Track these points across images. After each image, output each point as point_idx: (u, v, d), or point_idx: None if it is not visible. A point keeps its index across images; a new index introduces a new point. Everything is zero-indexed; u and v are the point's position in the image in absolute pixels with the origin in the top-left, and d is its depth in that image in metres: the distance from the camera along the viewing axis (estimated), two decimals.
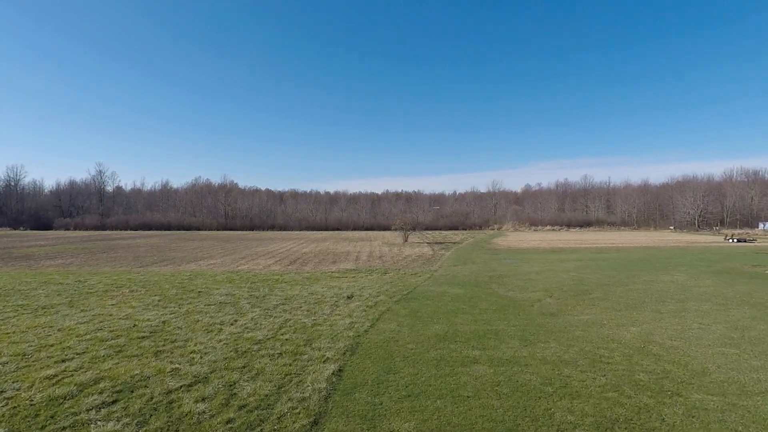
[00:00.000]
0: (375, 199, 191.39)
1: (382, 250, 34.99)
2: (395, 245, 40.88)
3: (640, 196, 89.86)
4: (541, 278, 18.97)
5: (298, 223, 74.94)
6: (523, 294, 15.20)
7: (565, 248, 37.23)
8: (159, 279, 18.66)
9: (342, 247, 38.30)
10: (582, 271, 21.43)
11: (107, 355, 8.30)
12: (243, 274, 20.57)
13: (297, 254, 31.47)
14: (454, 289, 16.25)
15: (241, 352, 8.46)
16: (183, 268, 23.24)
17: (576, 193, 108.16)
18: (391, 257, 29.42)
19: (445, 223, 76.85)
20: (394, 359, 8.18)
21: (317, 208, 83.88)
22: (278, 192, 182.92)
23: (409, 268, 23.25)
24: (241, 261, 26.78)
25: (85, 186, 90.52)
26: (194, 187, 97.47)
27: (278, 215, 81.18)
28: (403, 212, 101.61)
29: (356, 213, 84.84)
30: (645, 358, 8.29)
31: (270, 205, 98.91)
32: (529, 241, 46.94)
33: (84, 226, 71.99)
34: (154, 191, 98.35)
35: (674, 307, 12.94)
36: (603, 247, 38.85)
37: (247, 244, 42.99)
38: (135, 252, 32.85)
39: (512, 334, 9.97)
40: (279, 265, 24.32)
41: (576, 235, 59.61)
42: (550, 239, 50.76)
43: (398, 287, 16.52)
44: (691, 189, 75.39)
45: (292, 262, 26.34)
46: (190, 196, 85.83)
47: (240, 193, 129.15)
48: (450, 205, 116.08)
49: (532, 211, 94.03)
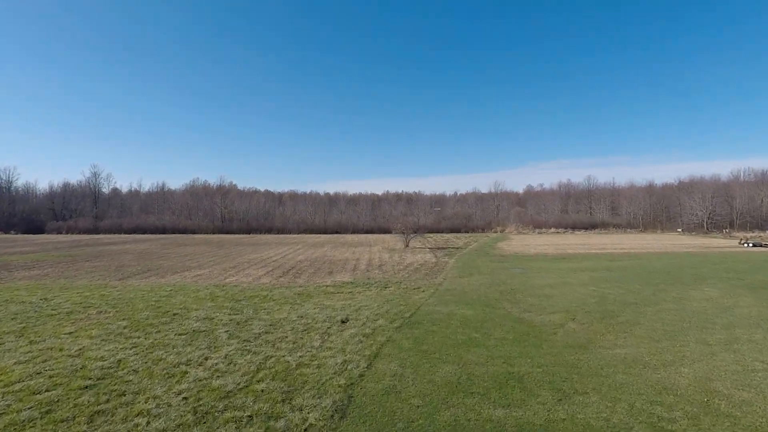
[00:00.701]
0: (375, 200, 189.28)
1: (382, 257, 33.18)
2: (396, 251, 39.06)
3: (645, 197, 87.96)
4: (557, 294, 17.15)
5: (297, 226, 73.08)
6: (541, 316, 13.38)
7: (575, 255, 35.38)
8: (135, 296, 16.85)
9: (340, 254, 36.50)
10: (601, 284, 19.59)
11: (28, 420, 6.48)
12: (229, 288, 18.76)
13: (291, 263, 29.66)
14: (462, 309, 14.43)
15: (200, 415, 6.64)
16: (166, 280, 21.43)
17: (579, 194, 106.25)
18: (391, 266, 27.61)
19: (447, 225, 74.97)
20: (395, 424, 6.36)
21: (316, 210, 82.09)
22: (278, 193, 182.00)
23: (411, 280, 21.44)
24: (231, 271, 24.97)
25: (79, 188, 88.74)
26: (190, 189, 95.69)
27: (276, 218, 79.31)
28: (404, 214, 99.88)
29: (356, 215, 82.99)
30: (717, 422, 6.47)
31: (268, 207, 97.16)
32: (535, 246, 45.10)
33: (77, 230, 70.22)
34: (151, 193, 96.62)
35: (722, 336, 11.11)
36: (614, 252, 37.00)
37: (241, 250, 41.19)
38: (120, 260, 31.04)
39: (540, 379, 8.14)
40: (270, 277, 22.51)
41: (582, 238, 57.77)
42: (557, 243, 48.93)
43: (399, 307, 14.70)
44: (699, 190, 73.48)
45: (285, 272, 24.52)
46: (186, 198, 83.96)
47: (238, 195, 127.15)
48: (451, 206, 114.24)
49: (536, 213, 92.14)
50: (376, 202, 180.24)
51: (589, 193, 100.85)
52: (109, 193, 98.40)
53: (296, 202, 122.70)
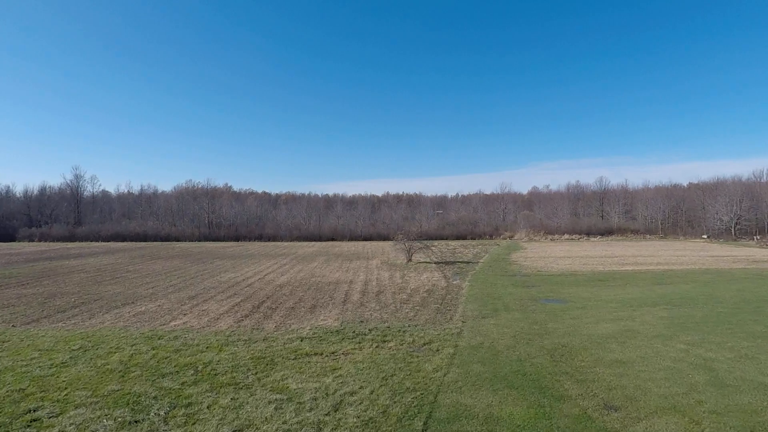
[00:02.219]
0: (375, 201, 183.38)
1: (381, 278, 27.73)
2: (397, 267, 33.63)
3: (662, 200, 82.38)
4: (634, 360, 11.68)
5: (289, 233, 67.44)
6: (641, 422, 7.90)
7: (610, 274, 29.91)
8: (5, 366, 11.37)
9: (331, 272, 31.06)
10: (682, 336, 14.11)
11: None
12: (164, 343, 13.32)
13: (268, 289, 24.21)
14: (505, 404, 8.95)
15: None
16: (91, 323, 16.01)
17: (590, 196, 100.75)
18: (392, 293, 22.20)
19: (452, 232, 69.31)
20: None
21: (310, 215, 76.31)
22: (274, 195, 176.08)
23: (418, 322, 15.99)
24: (187, 304, 19.55)
25: (59, 192, 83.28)
26: (176, 191, 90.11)
27: (268, 223, 73.69)
28: (405, 218, 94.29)
29: (354, 220, 77.31)
30: None
31: (261, 210, 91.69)
32: (556, 259, 39.62)
33: (51, 237, 64.73)
34: (136, 196, 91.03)
35: None
36: (655, 270, 31.53)
37: (219, 266, 35.75)
38: (62, 284, 25.60)
39: None
40: (232, 317, 17.06)
41: (604, 247, 52.21)
42: (580, 255, 43.42)
43: (405, 397, 9.24)
44: (724, 192, 67.91)
45: (256, 307, 19.08)
46: (170, 202, 78.11)
47: (232, 197, 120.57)
48: (455, 209, 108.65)
49: (546, 217, 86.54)
50: (376, 204, 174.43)
51: (601, 196, 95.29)
52: (94, 197, 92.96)
53: (292, 205, 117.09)
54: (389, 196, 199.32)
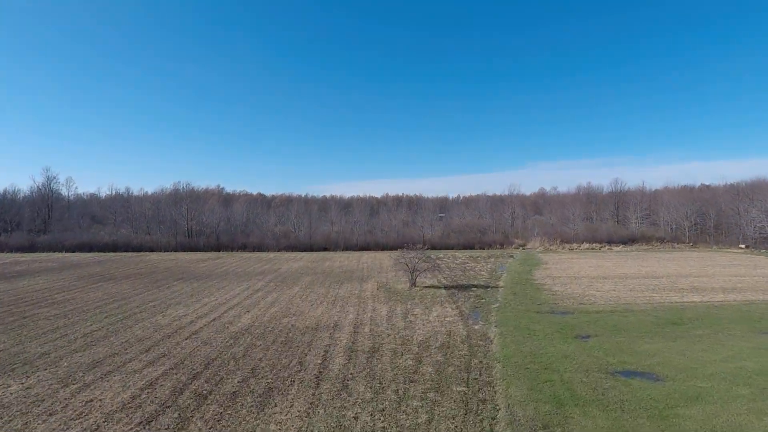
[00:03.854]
0: (374, 203, 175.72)
1: (376, 319, 20.75)
2: (398, 296, 26.65)
3: (687, 203, 75.12)
4: None
5: (276, 242, 60.05)
6: None
7: (681, 310, 22.98)
8: None
9: (312, 306, 24.09)
10: None
11: None
12: None
13: (217, 343, 17.18)
14: None
15: None
16: None
17: (604, 199, 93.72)
18: (391, 352, 15.27)
19: (458, 240, 61.99)
20: None
21: (301, 221, 68.85)
22: (270, 196, 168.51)
23: None
24: (73, 385, 12.60)
25: (28, 196, 76.19)
26: (153, 195, 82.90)
27: (255, 230, 66.36)
28: (405, 223, 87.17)
29: (350, 226, 70.04)
30: None
31: (250, 215, 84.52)
32: (591, 280, 32.66)
33: (8, 247, 57.59)
34: (110, 198, 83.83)
35: None
36: (734, 302, 24.63)
37: (173, 294, 28.71)
38: None
39: None
40: (127, 418, 10.08)
41: (639, 262, 45.12)
42: (617, 273, 36.50)
43: None
44: (763, 195, 60.88)
45: (179, 390, 12.10)
46: (144, 207, 70.52)
47: (222, 199, 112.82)
48: (458, 213, 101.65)
49: (559, 222, 79.40)
50: (375, 206, 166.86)
51: (617, 198, 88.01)
52: (69, 201, 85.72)
53: (284, 209, 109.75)
54: (388, 198, 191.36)
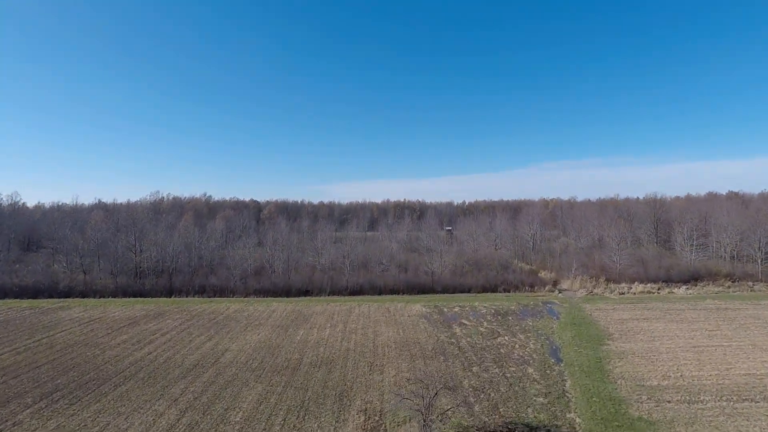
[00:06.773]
0: (374, 210, 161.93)
1: None
2: None
3: (744, 221, 61.50)
4: None
5: (243, 284, 46.14)
6: None
7: None
8: None
9: None
10: None
11: None
12: None
13: None
14: None
15: None
16: None
17: (637, 211, 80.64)
18: None
19: (475, 279, 48.08)
20: None
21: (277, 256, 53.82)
22: (264, 202, 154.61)
23: None
24: None
25: None
26: (97, 212, 68.32)
27: (221, 267, 51.83)
28: (408, 248, 73.29)
29: (340, 257, 55.78)
30: None
31: (228, 236, 70.78)
32: (730, 397, 19.56)
33: None
34: (58, 209, 69.39)
35: None
36: None
37: None
38: None
39: None
40: None
41: (741, 331, 31.61)
42: (756, 372, 23.24)
43: None
44: None
45: None
46: (87, 234, 54.62)
47: (208, 208, 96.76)
48: (466, 226, 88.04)
49: (588, 244, 65.46)
50: (375, 214, 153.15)
51: (655, 214, 73.88)
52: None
53: (275, 220, 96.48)
54: (389, 204, 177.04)
